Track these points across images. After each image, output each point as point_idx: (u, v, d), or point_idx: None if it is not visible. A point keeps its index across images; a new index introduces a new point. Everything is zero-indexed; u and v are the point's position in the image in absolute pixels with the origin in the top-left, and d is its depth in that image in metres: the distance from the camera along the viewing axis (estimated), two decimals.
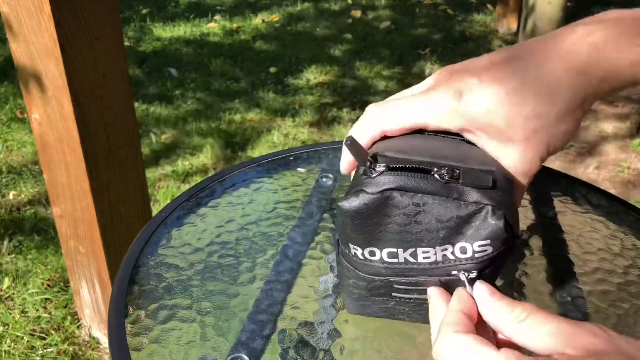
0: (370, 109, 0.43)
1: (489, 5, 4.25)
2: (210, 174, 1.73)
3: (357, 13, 4.05)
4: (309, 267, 0.53)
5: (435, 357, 0.33)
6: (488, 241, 0.36)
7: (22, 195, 2.06)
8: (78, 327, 1.55)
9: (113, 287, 0.49)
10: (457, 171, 0.37)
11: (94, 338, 1.52)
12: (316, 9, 4.17)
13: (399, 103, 0.42)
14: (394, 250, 0.38)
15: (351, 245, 0.39)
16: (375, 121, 0.42)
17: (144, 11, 3.97)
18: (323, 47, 3.49)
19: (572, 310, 0.49)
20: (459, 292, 0.37)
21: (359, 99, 2.88)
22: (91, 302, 1.46)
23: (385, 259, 0.38)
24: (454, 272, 0.38)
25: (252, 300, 0.49)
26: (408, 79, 3.13)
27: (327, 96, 2.91)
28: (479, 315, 0.35)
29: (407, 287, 0.40)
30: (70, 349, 1.49)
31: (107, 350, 1.48)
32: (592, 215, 0.62)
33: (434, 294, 0.39)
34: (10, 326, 1.54)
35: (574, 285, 0.51)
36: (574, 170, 2.36)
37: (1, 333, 1.52)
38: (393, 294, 0.41)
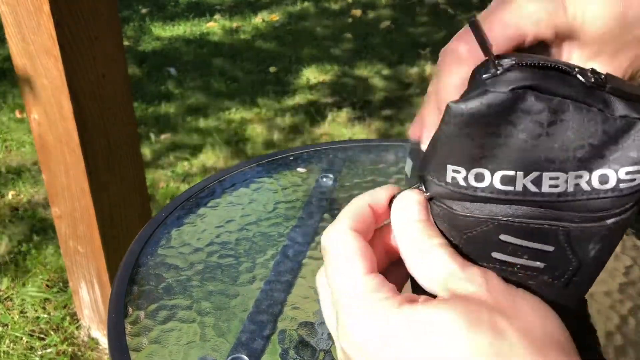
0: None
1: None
2: (210, 174, 1.73)
3: (357, 12, 4.05)
4: (309, 267, 0.52)
5: (323, 243, 0.30)
6: (638, 167, 0.28)
7: (22, 196, 2.05)
8: (77, 327, 1.54)
9: (113, 288, 0.49)
10: (603, 75, 0.28)
11: (93, 339, 1.52)
12: (316, 8, 4.17)
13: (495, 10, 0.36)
14: (512, 173, 0.28)
15: (450, 168, 0.29)
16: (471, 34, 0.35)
17: (144, 11, 3.97)
18: (323, 47, 3.49)
19: None
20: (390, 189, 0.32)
21: (359, 98, 2.88)
22: (90, 302, 1.46)
23: (497, 185, 0.28)
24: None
25: (252, 300, 0.48)
26: (408, 78, 3.12)
27: (327, 96, 2.90)
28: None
29: (517, 242, 0.29)
30: (70, 349, 1.48)
31: (107, 351, 1.48)
32: None
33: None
34: (9, 327, 1.54)
35: None
36: None
37: (0, 334, 1.52)
38: (494, 254, 0.30)
